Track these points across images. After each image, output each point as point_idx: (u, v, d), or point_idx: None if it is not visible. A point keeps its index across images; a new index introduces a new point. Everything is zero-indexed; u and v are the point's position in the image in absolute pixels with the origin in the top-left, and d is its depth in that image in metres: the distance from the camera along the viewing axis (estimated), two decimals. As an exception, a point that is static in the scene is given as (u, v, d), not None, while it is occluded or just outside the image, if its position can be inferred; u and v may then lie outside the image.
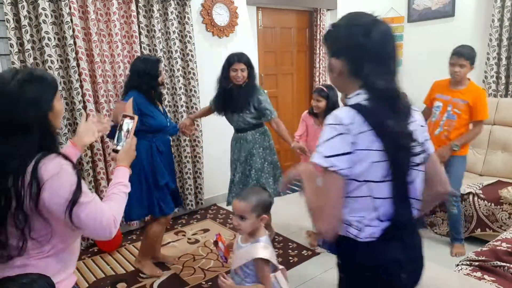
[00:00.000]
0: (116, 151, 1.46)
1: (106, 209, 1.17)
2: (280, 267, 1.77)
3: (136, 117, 1.50)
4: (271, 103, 2.87)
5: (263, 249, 1.66)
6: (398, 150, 1.05)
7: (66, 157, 1.13)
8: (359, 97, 1.09)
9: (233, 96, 2.79)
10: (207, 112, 3.09)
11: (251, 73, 2.80)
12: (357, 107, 1.06)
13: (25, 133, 1.08)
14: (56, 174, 1.07)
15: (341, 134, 1.02)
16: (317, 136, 1.20)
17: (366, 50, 1.08)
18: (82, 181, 1.13)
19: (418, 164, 1.14)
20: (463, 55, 2.62)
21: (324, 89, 2.77)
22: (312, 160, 1.06)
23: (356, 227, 1.09)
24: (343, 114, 1.05)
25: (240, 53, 2.79)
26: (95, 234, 1.17)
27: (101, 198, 1.22)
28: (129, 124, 1.48)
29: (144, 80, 2.46)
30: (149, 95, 2.50)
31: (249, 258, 1.67)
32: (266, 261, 1.66)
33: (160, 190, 2.54)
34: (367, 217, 1.09)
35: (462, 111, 2.68)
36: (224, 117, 2.98)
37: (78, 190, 1.09)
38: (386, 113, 1.06)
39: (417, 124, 1.17)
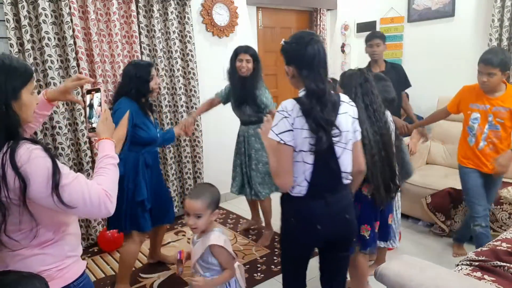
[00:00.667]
0: (93, 129, 1.36)
1: (94, 186, 1.11)
2: (237, 263, 1.86)
3: (101, 88, 1.41)
4: (271, 99, 2.91)
5: (217, 237, 1.73)
6: (318, 131, 1.46)
7: (34, 141, 1.10)
8: (301, 93, 1.54)
9: (239, 88, 2.86)
10: (209, 105, 3.08)
11: (256, 67, 2.84)
12: (297, 99, 1.52)
13: None
14: (27, 162, 1.04)
15: (285, 117, 1.49)
16: None
17: (304, 60, 1.53)
18: (60, 163, 1.11)
19: (345, 144, 1.56)
20: (491, 63, 2.29)
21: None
22: (269, 136, 1.52)
23: (292, 185, 1.55)
24: (287, 103, 1.51)
25: (247, 45, 2.89)
26: (90, 213, 1.13)
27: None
28: (98, 98, 1.38)
29: (135, 85, 2.30)
30: (141, 103, 2.34)
31: (204, 247, 1.72)
32: (222, 247, 1.72)
33: (138, 206, 2.34)
34: (298, 178, 1.53)
35: (506, 119, 2.35)
36: (231, 109, 3.04)
37: (55, 173, 1.05)
38: (314, 105, 1.48)
39: (347, 115, 1.58)
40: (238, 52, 2.82)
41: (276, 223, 3.30)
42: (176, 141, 3.63)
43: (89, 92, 1.41)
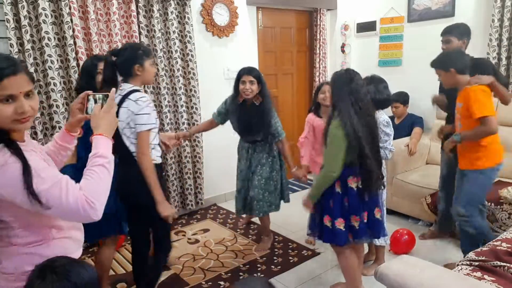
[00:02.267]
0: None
1: (74, 191, 1.05)
2: None
3: (113, 89, 1.30)
4: (280, 120, 2.85)
5: None
6: None
7: (13, 147, 1.05)
8: None
9: (248, 118, 2.72)
10: (209, 125, 3.04)
11: (262, 90, 2.71)
12: None
13: None
14: (1, 167, 1.02)
15: None
16: None
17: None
18: (39, 165, 1.06)
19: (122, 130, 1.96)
20: (436, 66, 2.57)
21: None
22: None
23: None
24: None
25: (250, 67, 2.74)
26: (70, 218, 1.11)
27: None
28: (102, 96, 1.29)
29: (84, 79, 2.28)
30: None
31: None
32: None
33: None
34: None
35: (462, 115, 2.40)
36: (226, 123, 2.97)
37: (26, 183, 1.01)
38: None
39: (127, 109, 1.94)
40: (241, 74, 2.70)
41: (276, 224, 3.31)
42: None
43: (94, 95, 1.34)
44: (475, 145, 2.36)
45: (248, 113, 2.74)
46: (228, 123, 2.95)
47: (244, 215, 3.22)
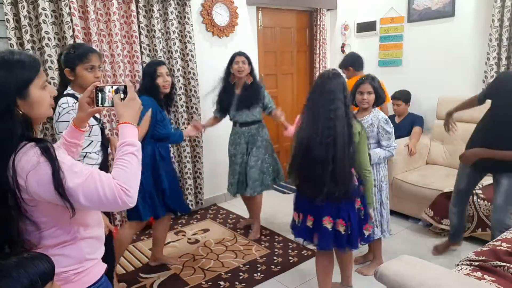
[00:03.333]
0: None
1: (108, 181, 1.05)
2: None
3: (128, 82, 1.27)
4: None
5: None
6: None
7: (44, 145, 1.03)
8: None
9: (245, 92, 3.04)
10: (214, 121, 3.28)
11: (252, 71, 3.08)
12: None
13: None
14: (33, 169, 1.00)
15: None
16: None
17: None
18: (71, 161, 1.06)
19: None
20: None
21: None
22: None
23: None
24: None
25: (240, 50, 3.10)
26: (108, 209, 1.10)
27: None
28: (113, 87, 1.27)
29: (144, 81, 2.55)
30: (159, 100, 2.53)
31: None
32: None
33: (158, 194, 2.55)
34: None
35: None
36: (228, 116, 3.20)
37: (57, 181, 1.00)
38: None
39: None
40: (234, 56, 3.03)
41: (276, 224, 3.31)
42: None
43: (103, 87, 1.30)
44: None
45: (244, 90, 3.05)
46: (228, 122, 3.08)
47: (240, 195, 3.38)
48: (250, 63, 3.04)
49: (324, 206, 2.03)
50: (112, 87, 1.26)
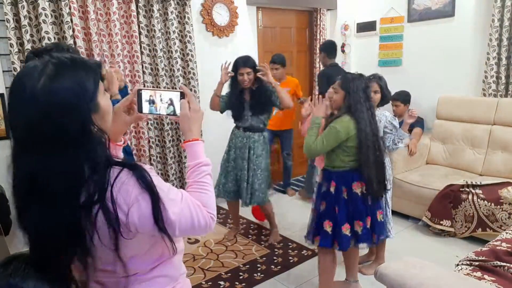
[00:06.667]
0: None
1: (202, 211, 0.98)
2: None
3: (184, 92, 1.10)
4: None
5: None
6: None
7: (141, 174, 0.88)
8: None
9: (256, 99, 2.91)
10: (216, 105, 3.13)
11: (258, 78, 2.88)
12: None
13: (63, 147, 0.81)
14: (136, 203, 0.87)
15: None
16: None
17: None
18: (166, 186, 0.94)
19: None
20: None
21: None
22: None
23: None
24: None
25: (245, 57, 2.92)
26: (193, 234, 1.08)
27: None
28: (165, 95, 1.10)
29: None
30: None
31: None
32: None
33: None
34: None
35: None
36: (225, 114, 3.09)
37: (157, 214, 0.88)
38: None
39: None
40: (238, 66, 2.88)
41: (276, 224, 3.31)
42: (176, 141, 3.63)
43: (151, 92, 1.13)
44: None
45: (253, 97, 2.92)
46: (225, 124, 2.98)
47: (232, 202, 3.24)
48: (255, 71, 2.88)
49: (376, 201, 2.16)
50: (161, 93, 1.09)
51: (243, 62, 2.88)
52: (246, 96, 2.96)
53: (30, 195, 0.83)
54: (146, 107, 1.10)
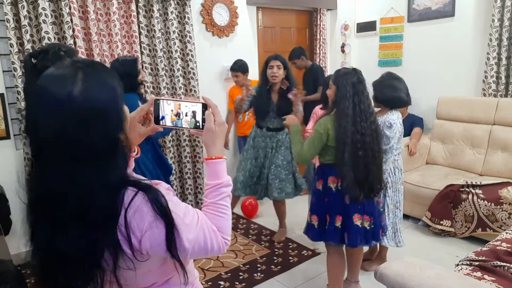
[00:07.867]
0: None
1: (216, 237, 0.96)
2: None
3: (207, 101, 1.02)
4: None
5: None
6: None
7: (156, 199, 0.84)
8: None
9: (284, 101, 2.87)
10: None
11: (289, 77, 2.91)
12: None
13: (93, 161, 0.78)
14: (149, 229, 0.83)
15: None
16: None
17: None
18: (182, 209, 0.90)
19: None
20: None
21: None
22: None
23: None
24: None
25: (277, 53, 2.95)
26: (205, 257, 1.05)
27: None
28: (194, 106, 1.01)
29: (125, 81, 2.47)
30: (142, 97, 2.58)
31: None
32: None
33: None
34: None
35: None
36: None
37: (169, 242, 0.85)
38: None
39: None
40: (269, 59, 2.90)
41: (276, 224, 3.31)
42: (176, 141, 3.63)
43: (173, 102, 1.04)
44: None
45: (281, 98, 2.90)
46: None
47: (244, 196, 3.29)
48: (286, 67, 2.88)
49: (353, 203, 2.09)
50: (180, 104, 1.01)
51: (274, 56, 2.90)
52: (273, 96, 2.94)
53: (50, 212, 0.79)
54: (167, 119, 1.02)
